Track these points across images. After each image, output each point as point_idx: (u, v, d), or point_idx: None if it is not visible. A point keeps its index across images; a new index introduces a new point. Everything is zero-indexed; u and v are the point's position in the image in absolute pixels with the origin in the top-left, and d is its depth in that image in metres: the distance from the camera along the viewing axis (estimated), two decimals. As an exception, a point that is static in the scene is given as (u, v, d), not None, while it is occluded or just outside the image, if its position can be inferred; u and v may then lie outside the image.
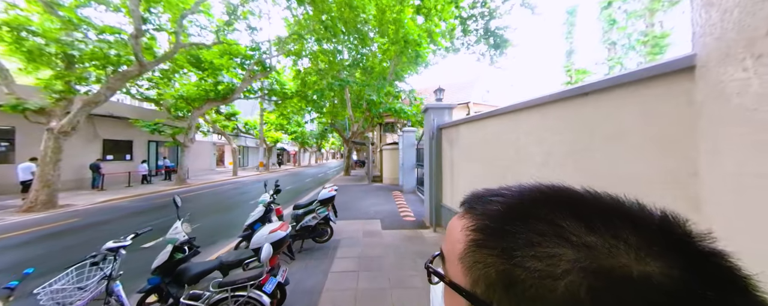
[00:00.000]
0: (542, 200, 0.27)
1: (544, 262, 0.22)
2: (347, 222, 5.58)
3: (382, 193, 9.78)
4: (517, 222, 0.25)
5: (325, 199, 3.89)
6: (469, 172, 3.99)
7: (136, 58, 9.20)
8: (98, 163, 11.67)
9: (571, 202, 0.26)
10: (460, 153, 4.32)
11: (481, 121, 3.64)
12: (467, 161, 4.05)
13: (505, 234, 0.25)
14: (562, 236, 0.23)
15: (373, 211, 6.76)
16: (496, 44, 7.39)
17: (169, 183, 14.15)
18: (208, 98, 13.54)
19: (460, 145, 4.31)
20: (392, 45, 11.52)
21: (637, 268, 0.20)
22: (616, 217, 0.24)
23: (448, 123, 4.76)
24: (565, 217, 0.24)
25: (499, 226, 0.26)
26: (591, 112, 1.91)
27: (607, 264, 0.20)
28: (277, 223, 2.56)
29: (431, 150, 4.99)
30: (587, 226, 0.23)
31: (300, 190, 11.71)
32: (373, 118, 17.18)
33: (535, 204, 0.27)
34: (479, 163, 3.69)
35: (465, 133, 4.13)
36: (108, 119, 12.92)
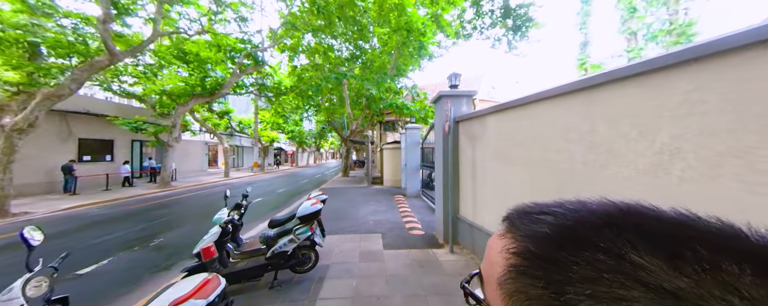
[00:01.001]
0: (608, 224, 0.21)
1: (605, 305, 0.17)
2: (340, 238, 4.54)
3: (383, 198, 8.74)
4: (571, 250, 0.20)
5: (307, 215, 2.86)
6: (502, 177, 2.97)
7: (106, 47, 8.17)
8: (71, 165, 10.63)
9: (651, 229, 0.20)
10: (486, 152, 3.29)
11: (521, 108, 2.61)
12: (499, 162, 3.02)
13: (554, 264, 0.21)
14: (634, 275, 0.17)
15: (373, 221, 5.73)
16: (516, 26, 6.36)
17: (152, 186, 13.11)
18: (193, 94, 12.49)
19: (486, 141, 3.28)
20: (393, 33, 10.49)
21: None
22: (721, 252, 0.17)
23: (468, 114, 3.73)
24: (640, 249, 0.19)
25: (546, 253, 0.22)
26: None
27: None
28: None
29: (446, 149, 3.96)
30: (673, 263, 0.17)
31: (293, 194, 10.68)
32: (373, 115, 16.15)
33: (597, 228, 0.21)
34: (518, 166, 2.66)
35: (495, 126, 3.10)
36: (84, 117, 11.89)
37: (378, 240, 4.39)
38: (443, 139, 4.01)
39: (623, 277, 0.18)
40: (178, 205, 8.55)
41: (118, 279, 3.48)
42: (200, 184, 14.34)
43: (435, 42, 12.47)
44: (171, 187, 12.56)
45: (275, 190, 11.91)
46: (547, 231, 0.23)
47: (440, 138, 4.15)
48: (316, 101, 15.44)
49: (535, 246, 0.23)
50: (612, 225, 0.21)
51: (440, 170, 4.24)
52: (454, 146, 3.85)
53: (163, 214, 7.23)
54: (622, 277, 0.18)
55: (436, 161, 4.55)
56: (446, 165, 3.98)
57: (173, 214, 7.31)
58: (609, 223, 0.21)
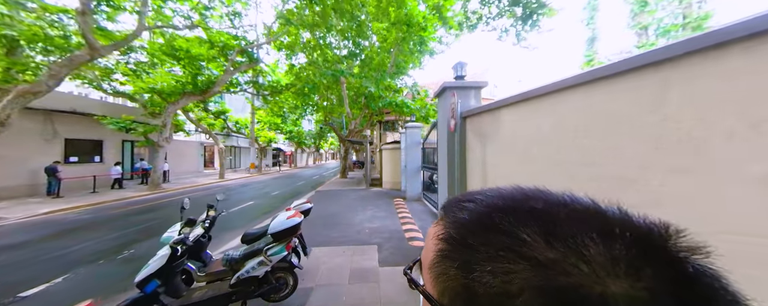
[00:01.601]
0: (511, 209, 0.25)
1: (499, 279, 0.20)
2: (329, 250, 3.99)
3: (382, 202, 8.20)
4: (480, 232, 0.24)
5: (282, 231, 2.32)
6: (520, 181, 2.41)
7: (86, 40, 7.66)
8: (55, 166, 10.12)
9: (539, 212, 0.24)
10: (500, 151, 2.75)
11: (547, 97, 2.07)
12: (516, 163, 2.48)
13: (467, 247, 0.24)
14: (520, 251, 0.21)
15: (369, 229, 5.18)
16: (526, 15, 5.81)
17: (143, 188, 12.60)
18: (184, 92, 11.98)
19: (500, 138, 2.73)
20: (392, 27, 9.96)
21: (597, 289, 0.18)
22: (586, 229, 0.21)
23: (477, 108, 3.18)
24: (528, 229, 0.22)
25: (462, 236, 0.25)
26: None
27: (563, 283, 0.19)
28: None
29: (452, 148, 3.42)
30: (547, 239, 0.21)
31: (287, 197, 10.15)
32: (372, 115, 15.61)
33: (502, 213, 0.24)
34: (543, 167, 2.11)
35: (512, 120, 2.55)
36: (71, 116, 11.39)
37: (373, 253, 3.85)
38: (448, 137, 3.47)
39: (513, 254, 0.21)
40: (163, 210, 8.03)
41: (61, 305, 2.94)
42: (193, 186, 13.83)
43: (436, 38, 11.94)
44: (161, 189, 12.05)
45: (269, 193, 11.39)
46: (465, 217, 0.26)
47: (445, 136, 3.61)
48: (313, 100, 14.90)
49: (455, 231, 0.25)
50: (513, 210, 0.24)
51: (445, 172, 3.70)
52: (460, 145, 3.30)
53: (145, 220, 6.70)
54: (512, 254, 0.21)
55: (440, 162, 4.01)
56: (452, 166, 3.44)
57: (156, 219, 6.79)
58: (511, 208, 0.24)
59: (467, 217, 0.26)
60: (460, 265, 0.23)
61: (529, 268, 0.20)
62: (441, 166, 3.96)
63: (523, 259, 0.20)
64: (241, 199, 9.81)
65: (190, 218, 2.28)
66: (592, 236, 0.21)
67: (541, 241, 0.21)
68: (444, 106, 3.71)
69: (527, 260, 0.20)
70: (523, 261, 0.20)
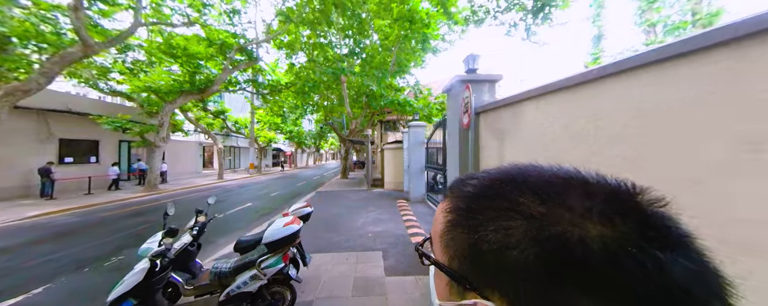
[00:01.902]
0: (509, 180, 0.28)
1: (500, 234, 0.24)
2: (331, 257, 3.72)
3: (384, 203, 7.92)
4: (484, 200, 0.27)
5: (277, 240, 2.04)
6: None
7: (79, 37, 7.40)
8: (48, 167, 9.85)
9: (532, 179, 0.27)
10: (522, 150, 2.47)
11: (582, 87, 1.79)
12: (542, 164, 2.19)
13: (473, 212, 0.27)
14: (517, 210, 0.24)
15: (372, 233, 4.90)
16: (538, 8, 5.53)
17: (139, 189, 12.32)
18: (182, 90, 11.71)
19: (523, 136, 2.46)
20: (394, 23, 9.70)
21: (580, 232, 0.22)
22: (569, 188, 0.25)
23: (494, 103, 2.91)
24: (524, 193, 0.26)
25: (468, 205, 0.28)
26: None
27: (553, 231, 0.22)
28: None
29: (463, 146, 3.15)
30: (540, 198, 0.25)
31: (287, 198, 9.87)
32: (373, 114, 15.35)
33: (502, 183, 0.28)
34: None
35: (536, 115, 2.28)
36: (66, 116, 11.12)
37: (378, 260, 3.57)
38: (460, 135, 3.19)
39: (512, 212, 0.24)
40: (157, 212, 7.73)
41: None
42: (190, 187, 13.56)
43: (439, 35, 11.67)
44: (158, 190, 11.77)
45: (268, 194, 11.11)
46: (471, 190, 0.29)
47: (455, 134, 3.33)
48: (313, 99, 14.63)
49: (461, 202, 0.29)
50: (511, 180, 0.28)
51: (455, 173, 3.41)
52: (474, 145, 3.02)
53: (137, 223, 6.43)
54: (511, 213, 0.25)
55: (450, 162, 3.73)
56: (465, 167, 3.16)
57: (148, 222, 6.51)
58: (509, 179, 0.28)
59: (471, 190, 0.29)
60: (466, 229, 0.26)
61: (525, 222, 0.23)
62: (451, 166, 3.68)
63: (519, 215, 0.24)
64: (239, 200, 9.53)
65: (172, 227, 2.00)
66: (573, 193, 0.25)
67: (534, 201, 0.25)
68: (455, 102, 3.44)
69: (523, 216, 0.24)
70: (520, 217, 0.24)
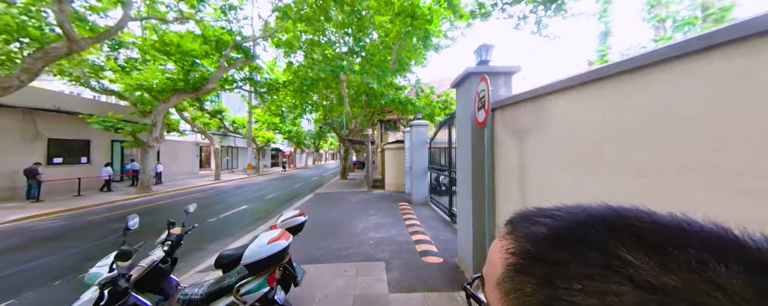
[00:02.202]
0: (601, 225, 0.22)
1: (595, 300, 0.18)
2: (328, 269, 3.36)
3: (386, 206, 7.57)
4: (565, 248, 0.22)
5: (260, 261, 1.68)
6: (579, 193, 1.79)
7: (63, 31, 7.03)
8: (35, 168, 9.47)
9: (643, 230, 0.21)
10: (548, 151, 2.12)
11: (628, 75, 1.43)
12: (574, 169, 1.84)
13: (549, 261, 0.22)
14: (623, 271, 0.18)
15: (373, 240, 4.55)
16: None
17: (132, 190, 11.94)
18: (175, 89, 11.33)
19: (549, 135, 2.11)
20: (396, 17, 9.35)
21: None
22: (708, 251, 0.18)
23: (512, 98, 2.56)
24: (629, 247, 0.19)
25: (542, 251, 0.23)
26: None
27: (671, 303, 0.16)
28: None
29: (478, 146, 2.80)
30: (661, 260, 0.18)
31: (284, 201, 9.51)
32: (373, 113, 15.00)
33: (590, 229, 0.22)
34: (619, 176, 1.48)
35: (567, 111, 1.92)
36: (54, 115, 10.73)
37: (381, 272, 3.22)
38: (474, 133, 2.84)
39: (613, 274, 0.18)
40: (148, 215, 7.38)
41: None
42: (185, 188, 13.19)
43: (441, 31, 11.33)
44: (151, 192, 11.40)
45: (265, 196, 10.74)
46: (544, 231, 0.24)
47: (467, 132, 2.98)
48: (311, 97, 14.26)
49: (532, 245, 0.24)
50: (603, 226, 0.22)
51: (467, 176, 3.06)
52: (489, 145, 2.67)
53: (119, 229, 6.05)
54: (613, 274, 0.18)
55: (460, 163, 3.38)
56: (480, 169, 2.81)
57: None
58: (604, 223, 0.22)
59: (546, 232, 0.24)
60: (540, 281, 0.21)
61: (638, 292, 0.17)
62: (461, 168, 3.33)
63: (628, 280, 0.18)
64: (235, 202, 9.17)
65: (123, 250, 1.63)
66: (726, 263, 0.17)
67: (653, 263, 0.18)
68: (465, 97, 3.09)
69: (634, 282, 0.17)
70: (629, 283, 0.18)
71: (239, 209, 7.98)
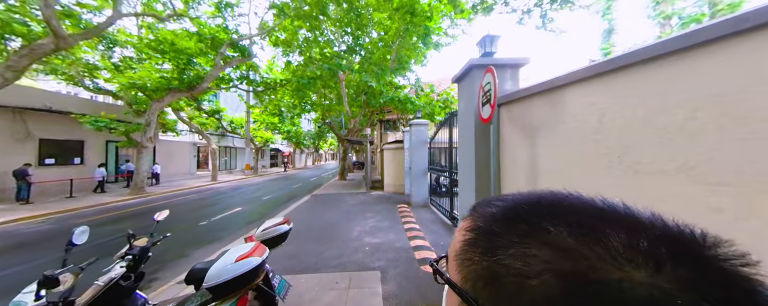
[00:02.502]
0: (537, 205, 0.26)
1: (520, 261, 0.22)
2: (318, 279, 3.09)
3: (384, 208, 7.30)
4: (506, 222, 0.25)
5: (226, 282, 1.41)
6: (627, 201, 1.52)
7: (49, 27, 6.78)
8: (24, 169, 9.22)
9: (564, 208, 0.25)
10: (564, 150, 1.85)
11: (668, 59, 1.17)
12: (599, 172, 1.57)
13: (493, 233, 0.25)
14: (541, 238, 0.22)
15: (369, 246, 4.28)
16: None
17: (126, 192, 11.68)
18: (170, 88, 11.07)
19: (565, 132, 1.84)
20: (395, 13, 9.09)
21: (616, 274, 0.19)
22: (609, 224, 0.22)
23: (520, 92, 2.29)
24: (552, 221, 0.23)
25: (489, 226, 0.26)
26: None
27: (581, 266, 0.20)
28: None
29: (482, 145, 2.53)
30: (570, 230, 0.22)
31: (281, 202, 9.24)
32: (372, 113, 14.74)
33: (528, 208, 0.26)
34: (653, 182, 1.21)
35: (587, 105, 1.65)
36: (46, 114, 10.48)
37: (375, 284, 2.95)
38: (477, 131, 2.57)
39: (534, 240, 0.22)
40: (138, 219, 7.13)
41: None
42: (180, 190, 12.93)
43: (441, 28, 11.06)
44: (144, 193, 11.14)
45: (261, 197, 10.48)
46: (494, 211, 0.27)
47: (470, 130, 2.71)
48: (309, 96, 13.99)
49: (482, 222, 0.27)
50: (538, 206, 0.26)
51: (470, 177, 2.79)
52: (495, 144, 2.40)
53: (111, 232, 5.80)
54: (534, 240, 0.22)
55: (462, 164, 3.11)
56: (483, 171, 2.54)
57: (122, 231, 5.87)
58: (538, 205, 0.26)
59: (494, 211, 0.27)
60: (483, 250, 0.24)
61: (549, 253, 0.21)
62: (463, 169, 3.06)
63: (543, 244, 0.22)
64: (229, 204, 8.91)
65: (47, 276, 1.33)
66: (616, 229, 0.21)
67: (564, 232, 0.22)
68: (468, 92, 2.82)
69: (548, 246, 0.21)
70: (544, 246, 0.21)
71: (232, 212, 7.72)
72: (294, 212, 7.09)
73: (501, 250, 0.23)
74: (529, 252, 0.22)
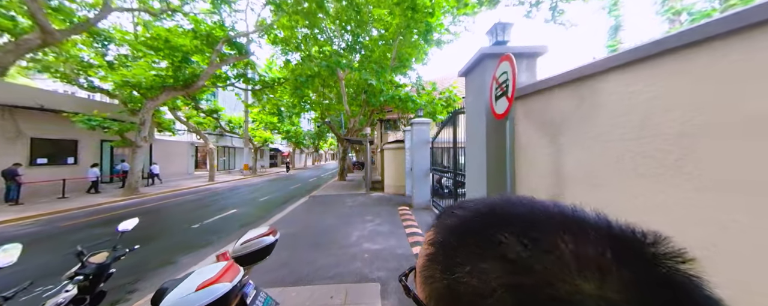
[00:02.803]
0: (492, 214, 0.25)
1: (476, 279, 0.21)
2: (311, 292, 2.80)
3: (384, 210, 7.01)
4: (464, 237, 0.25)
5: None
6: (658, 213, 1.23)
7: (35, 22, 6.52)
8: (14, 169, 8.95)
9: (517, 215, 0.24)
10: (596, 153, 1.56)
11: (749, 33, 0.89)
12: (649, 177, 1.28)
13: (451, 249, 0.24)
14: (495, 251, 0.22)
15: (369, 253, 3.99)
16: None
17: (120, 192, 11.42)
18: (164, 86, 10.80)
19: (598, 131, 1.55)
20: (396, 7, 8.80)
21: (564, 288, 0.18)
22: (557, 230, 0.22)
23: (539, 84, 2.00)
24: (506, 232, 0.23)
25: (447, 240, 0.25)
26: None
27: (530, 281, 0.19)
28: None
29: (494, 143, 2.24)
30: (521, 240, 0.21)
31: (278, 203, 8.96)
32: (372, 112, 14.45)
33: (484, 218, 0.25)
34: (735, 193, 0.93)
35: (626, 97, 1.36)
36: (38, 113, 10.21)
37: (374, 298, 2.66)
38: (489, 129, 2.28)
39: (487, 253, 0.22)
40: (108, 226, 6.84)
41: None
42: (176, 190, 12.67)
43: (442, 25, 10.75)
44: (139, 194, 10.88)
45: (258, 198, 10.21)
46: (451, 223, 0.27)
47: (481, 127, 2.42)
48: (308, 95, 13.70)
49: (441, 235, 0.26)
50: (493, 215, 0.25)
51: (480, 181, 2.50)
52: (511, 143, 2.10)
53: (98, 236, 5.53)
54: (486, 254, 0.22)
55: (471, 167, 2.82)
56: (496, 174, 2.25)
57: (109, 235, 5.60)
58: (493, 214, 0.25)
59: (452, 222, 0.27)
60: (443, 267, 0.24)
61: (501, 267, 0.20)
62: (473, 170, 2.77)
63: (495, 258, 0.21)
64: (224, 206, 8.64)
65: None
66: (563, 237, 0.21)
67: (515, 242, 0.21)
68: (478, 85, 2.52)
69: (500, 260, 0.21)
70: (497, 260, 0.21)
71: (227, 214, 7.44)
72: (290, 215, 6.81)
73: (459, 267, 0.22)
74: (483, 267, 0.21)
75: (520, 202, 0.26)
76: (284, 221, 6.12)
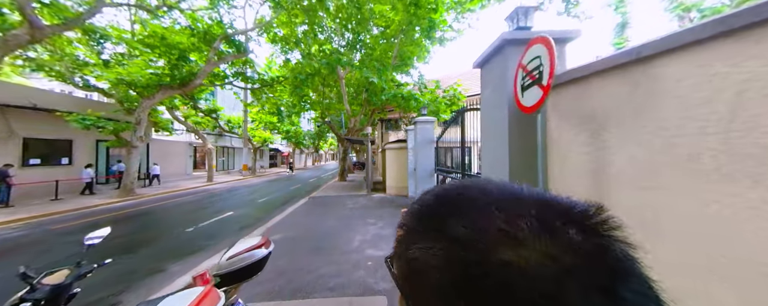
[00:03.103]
0: (446, 196, 0.27)
1: (425, 254, 0.23)
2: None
3: (387, 213, 6.73)
4: (422, 217, 0.27)
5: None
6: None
7: (24, 16, 6.25)
8: (5, 170, 8.69)
9: (468, 198, 0.26)
10: (656, 154, 1.28)
11: None
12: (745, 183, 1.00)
13: (412, 229, 0.26)
14: (441, 229, 0.23)
15: (372, 260, 3.71)
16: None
17: (116, 193, 11.14)
18: (161, 84, 10.53)
19: (657, 125, 1.27)
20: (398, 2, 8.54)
21: (497, 257, 0.20)
22: (495, 207, 0.23)
23: (575, 71, 1.72)
24: (453, 211, 0.24)
25: (410, 221, 0.27)
26: None
27: (470, 254, 0.21)
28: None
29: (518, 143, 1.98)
30: (461, 218, 0.23)
31: (277, 205, 8.69)
32: (373, 111, 14.18)
33: (441, 199, 0.27)
34: None
35: (702, 83, 1.09)
36: (30, 112, 9.94)
37: (381, 315, 2.38)
38: (512, 124, 2.01)
39: (435, 231, 0.24)
40: (123, 224, 6.57)
41: None
42: (173, 191, 12.40)
43: (446, 21, 10.47)
44: (135, 195, 10.61)
45: (256, 200, 9.93)
46: (417, 206, 0.28)
47: (502, 124, 2.14)
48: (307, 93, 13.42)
49: (407, 218, 0.28)
50: (448, 197, 0.27)
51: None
52: (543, 139, 1.82)
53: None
54: (434, 231, 0.24)
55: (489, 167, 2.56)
56: (526, 175, 1.97)
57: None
58: (448, 196, 0.27)
59: (417, 206, 0.28)
60: (406, 247, 0.25)
61: (444, 242, 0.22)
62: (491, 171, 2.50)
63: (441, 235, 0.23)
64: (222, 208, 8.37)
65: None
66: (500, 213, 0.22)
67: (459, 220, 0.23)
68: (498, 76, 2.25)
69: (444, 235, 0.23)
70: (442, 236, 0.23)
71: (223, 216, 7.16)
72: (289, 217, 6.53)
73: (414, 244, 0.24)
74: (433, 244, 0.22)
75: (477, 184, 0.27)
76: (283, 224, 5.85)
